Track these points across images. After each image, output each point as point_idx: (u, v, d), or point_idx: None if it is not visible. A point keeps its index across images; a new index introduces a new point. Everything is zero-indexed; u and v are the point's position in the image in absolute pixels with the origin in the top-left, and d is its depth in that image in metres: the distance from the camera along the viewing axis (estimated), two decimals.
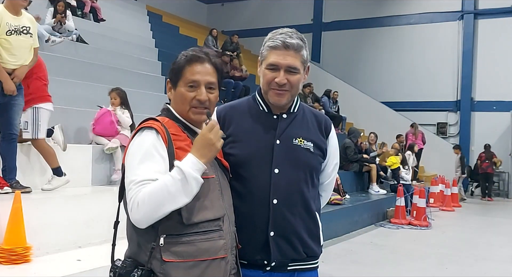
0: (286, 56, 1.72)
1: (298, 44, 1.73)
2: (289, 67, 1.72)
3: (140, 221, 1.45)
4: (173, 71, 1.64)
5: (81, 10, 10.18)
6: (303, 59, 1.75)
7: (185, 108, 1.61)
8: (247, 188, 1.72)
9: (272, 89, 1.75)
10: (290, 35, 1.73)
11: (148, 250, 1.50)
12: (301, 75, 1.76)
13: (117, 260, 1.55)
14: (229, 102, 1.95)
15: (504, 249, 6.80)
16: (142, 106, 6.15)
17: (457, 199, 11.65)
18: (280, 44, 1.72)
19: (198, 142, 1.51)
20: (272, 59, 1.73)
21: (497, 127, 14.21)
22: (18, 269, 3.37)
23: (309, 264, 1.82)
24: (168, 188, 1.42)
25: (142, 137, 1.54)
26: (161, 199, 1.42)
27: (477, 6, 14.96)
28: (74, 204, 4.32)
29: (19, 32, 4.08)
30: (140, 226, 1.47)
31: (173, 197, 1.43)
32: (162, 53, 10.61)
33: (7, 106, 4.08)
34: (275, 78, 1.73)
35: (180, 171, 1.44)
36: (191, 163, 1.46)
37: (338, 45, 16.95)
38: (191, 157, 1.47)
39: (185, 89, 1.60)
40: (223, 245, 1.57)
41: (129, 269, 1.49)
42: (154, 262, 1.49)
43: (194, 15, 18.40)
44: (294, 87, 1.75)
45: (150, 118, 1.61)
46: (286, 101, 1.78)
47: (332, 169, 1.93)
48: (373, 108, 14.90)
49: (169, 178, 1.44)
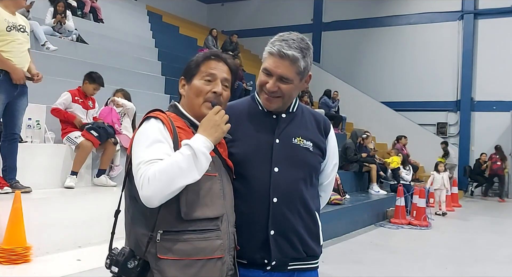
0: (280, 65, 1.70)
1: (294, 56, 1.69)
2: (281, 77, 1.72)
3: (152, 197, 1.43)
4: (189, 67, 1.68)
5: (81, 10, 10.18)
6: (299, 70, 1.72)
7: (199, 102, 1.64)
8: (247, 187, 1.72)
9: (264, 92, 1.77)
10: (289, 44, 1.70)
11: (144, 245, 1.51)
12: (295, 85, 1.75)
13: (114, 249, 1.55)
14: (229, 102, 1.95)
15: (504, 249, 6.80)
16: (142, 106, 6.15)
17: (457, 199, 11.65)
18: (276, 52, 1.70)
19: (204, 123, 1.55)
20: (267, 65, 1.74)
21: (497, 127, 14.21)
22: (18, 269, 3.38)
23: (309, 263, 1.82)
24: (179, 163, 1.44)
25: (150, 124, 1.56)
26: (172, 175, 1.43)
27: (477, 6, 14.95)
28: (74, 204, 4.32)
29: (17, 29, 4.09)
30: (152, 204, 1.45)
31: (184, 172, 1.44)
32: (162, 53, 10.62)
33: (12, 106, 4.09)
34: (267, 83, 1.73)
35: (189, 147, 1.47)
36: (200, 141, 1.49)
37: (338, 45, 16.94)
38: (199, 135, 1.52)
39: (201, 82, 1.64)
40: (220, 245, 1.57)
41: (127, 257, 1.50)
42: (150, 258, 1.50)
43: (194, 15, 18.40)
44: (285, 95, 1.75)
45: (156, 109, 1.63)
46: (276, 106, 1.78)
47: (331, 169, 1.93)
48: (373, 108, 14.89)
49: (179, 154, 1.46)
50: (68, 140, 5.01)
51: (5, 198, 3.79)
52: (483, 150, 14.05)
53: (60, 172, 4.90)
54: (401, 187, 8.84)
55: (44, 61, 6.41)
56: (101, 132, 5.07)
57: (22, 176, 4.27)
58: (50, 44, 7.20)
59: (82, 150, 4.92)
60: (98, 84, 5.33)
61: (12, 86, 4.03)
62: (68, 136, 5.02)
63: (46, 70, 6.20)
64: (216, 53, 1.71)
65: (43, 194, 4.37)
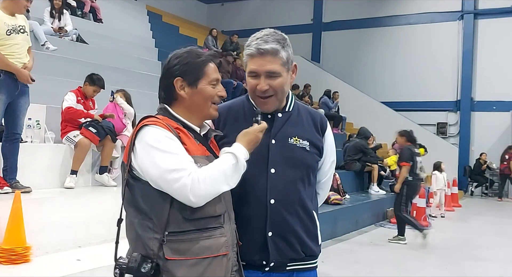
0: (263, 62, 1.71)
1: (273, 48, 1.70)
2: (268, 73, 1.71)
3: (202, 197, 1.49)
4: (190, 70, 1.65)
5: (81, 10, 10.17)
6: (282, 61, 1.73)
7: (208, 105, 1.67)
8: (244, 189, 1.71)
9: (258, 96, 1.76)
10: (265, 40, 1.71)
11: (151, 249, 1.51)
12: (284, 77, 1.75)
13: (120, 257, 1.55)
14: (226, 102, 1.95)
15: (504, 249, 6.80)
16: (142, 106, 6.15)
17: (457, 199, 11.65)
18: (255, 51, 1.71)
19: (249, 136, 1.63)
20: (251, 67, 1.74)
21: (497, 127, 14.21)
22: (18, 269, 3.37)
23: (308, 263, 1.82)
24: (225, 171, 1.53)
25: (154, 131, 1.54)
26: (219, 181, 1.51)
27: (477, 6, 14.96)
28: (74, 204, 4.32)
29: (17, 31, 4.09)
30: (199, 204, 1.50)
31: (228, 179, 1.53)
32: (162, 53, 10.60)
33: (13, 106, 4.09)
34: (257, 84, 1.73)
35: (234, 157, 1.55)
36: (243, 152, 1.58)
37: (338, 45, 16.94)
38: (241, 147, 1.59)
39: (209, 87, 1.67)
40: (225, 242, 1.58)
41: (140, 262, 1.50)
42: (158, 260, 1.51)
43: (194, 15, 18.40)
44: (278, 91, 1.74)
45: (149, 116, 1.62)
46: (274, 107, 1.78)
47: (329, 167, 1.93)
48: (373, 108, 14.89)
49: (224, 162, 1.54)
50: (67, 139, 5.01)
51: (5, 198, 3.79)
52: (483, 150, 14.06)
53: (60, 172, 4.89)
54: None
55: (44, 61, 6.41)
56: (100, 128, 5.08)
57: (22, 176, 4.27)
58: (50, 44, 7.20)
59: (81, 148, 4.91)
60: (99, 86, 5.32)
61: (13, 86, 4.03)
62: (67, 136, 5.02)
63: (46, 70, 6.22)
64: (215, 55, 1.74)
65: (43, 194, 4.37)
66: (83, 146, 4.92)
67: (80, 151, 4.91)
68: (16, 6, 4.08)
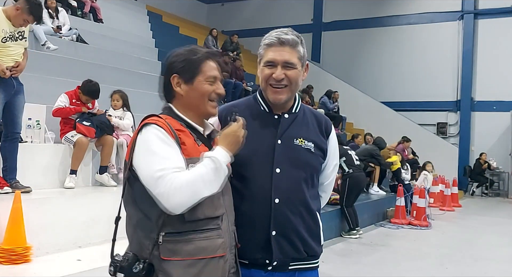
0: (282, 52, 1.74)
1: (293, 40, 1.75)
2: (286, 63, 1.74)
3: (178, 207, 1.47)
4: (187, 67, 1.65)
5: (81, 10, 10.18)
6: (299, 55, 1.77)
7: (205, 101, 1.66)
8: (248, 188, 1.72)
9: (270, 85, 1.76)
10: (285, 32, 1.76)
11: (147, 248, 1.52)
12: (299, 71, 1.77)
13: (116, 255, 1.56)
14: (230, 102, 1.96)
15: (504, 249, 6.80)
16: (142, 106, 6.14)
17: (457, 199, 11.65)
18: (276, 40, 1.74)
19: (229, 137, 1.59)
20: (269, 56, 1.75)
21: (497, 127, 14.21)
22: (18, 269, 3.38)
23: (310, 263, 1.83)
24: (203, 176, 1.49)
25: (152, 131, 1.55)
26: (197, 187, 1.47)
27: (477, 6, 14.96)
28: (74, 204, 4.32)
29: (15, 38, 4.10)
30: (176, 212, 1.48)
31: (207, 185, 1.49)
32: (162, 53, 10.60)
33: (10, 105, 4.10)
34: (273, 73, 1.74)
35: (212, 161, 1.51)
36: (223, 155, 1.54)
37: (338, 45, 16.95)
38: (221, 149, 1.55)
39: (205, 84, 1.65)
40: (222, 244, 1.58)
41: (131, 262, 1.50)
42: (154, 260, 1.51)
43: (194, 15, 18.40)
44: (292, 82, 1.76)
45: (152, 114, 1.62)
46: (286, 97, 1.78)
47: (331, 170, 1.94)
48: (373, 108, 14.90)
49: (203, 167, 1.50)
50: (66, 140, 5.01)
51: (5, 198, 3.79)
52: (483, 150, 14.06)
53: (60, 172, 4.89)
54: (401, 187, 8.84)
55: (44, 61, 6.41)
56: (94, 120, 5.07)
57: (22, 176, 4.27)
58: (50, 44, 7.19)
59: (79, 147, 4.89)
60: (90, 97, 5.23)
61: (9, 84, 4.04)
62: (65, 136, 5.01)
63: (46, 70, 6.22)
64: (214, 53, 1.73)
65: (43, 194, 4.37)
66: (81, 145, 4.90)
67: (78, 150, 4.90)
68: (16, 19, 4.06)
